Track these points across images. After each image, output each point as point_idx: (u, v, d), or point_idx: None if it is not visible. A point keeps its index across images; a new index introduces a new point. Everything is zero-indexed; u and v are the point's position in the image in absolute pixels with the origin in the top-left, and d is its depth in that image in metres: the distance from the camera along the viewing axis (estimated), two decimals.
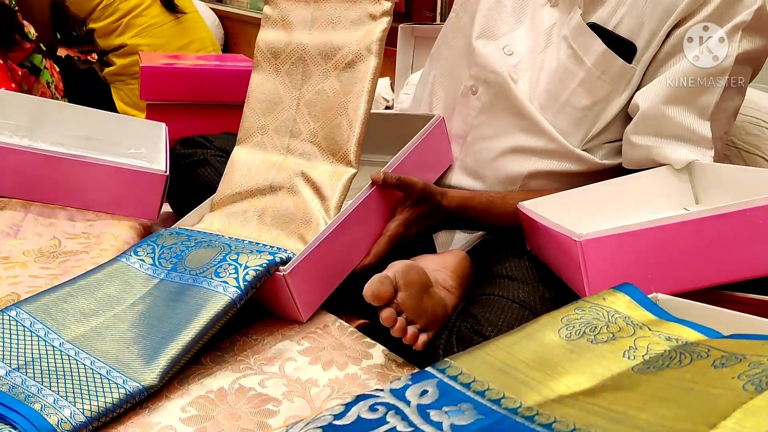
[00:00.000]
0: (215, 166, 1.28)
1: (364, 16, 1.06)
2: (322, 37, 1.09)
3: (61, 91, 1.97)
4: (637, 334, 0.49)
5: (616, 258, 0.74)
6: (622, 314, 0.52)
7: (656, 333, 0.49)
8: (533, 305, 0.91)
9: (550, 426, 0.39)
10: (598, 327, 0.50)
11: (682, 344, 0.47)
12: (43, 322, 0.85)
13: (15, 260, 1.04)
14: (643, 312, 0.52)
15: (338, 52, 1.07)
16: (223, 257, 0.94)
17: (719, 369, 0.42)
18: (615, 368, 0.46)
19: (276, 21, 1.15)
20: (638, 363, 0.46)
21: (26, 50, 1.86)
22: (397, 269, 0.91)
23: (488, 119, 1.15)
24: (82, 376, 0.78)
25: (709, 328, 0.51)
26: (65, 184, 1.17)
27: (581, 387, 0.44)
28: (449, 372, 0.47)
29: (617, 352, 0.47)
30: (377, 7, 1.05)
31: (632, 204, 1.04)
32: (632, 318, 0.52)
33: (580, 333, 0.50)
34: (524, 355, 0.48)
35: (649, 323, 0.51)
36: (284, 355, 0.91)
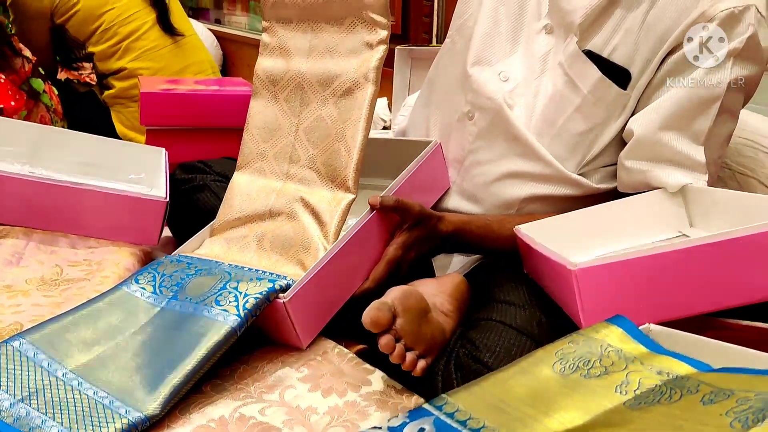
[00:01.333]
0: (215, 191, 1.30)
1: (360, 45, 1.08)
2: (319, 65, 1.11)
3: (60, 114, 1.99)
4: (629, 368, 0.50)
5: (611, 286, 0.75)
6: (614, 347, 0.53)
7: (648, 367, 0.50)
8: (530, 331, 0.92)
9: None
10: (592, 361, 0.51)
11: (672, 378, 0.48)
12: (46, 352, 0.86)
13: (18, 289, 1.05)
14: (635, 345, 0.53)
15: (336, 80, 1.08)
16: (223, 285, 0.95)
17: (708, 405, 0.43)
18: (607, 404, 0.47)
19: (274, 49, 1.16)
20: (630, 398, 0.47)
21: (25, 73, 1.87)
22: (395, 295, 0.92)
23: (485, 144, 1.17)
24: (85, 407, 0.79)
25: (700, 361, 0.52)
26: (66, 211, 1.18)
27: (574, 423, 0.45)
28: (446, 409, 0.48)
29: (610, 387, 0.48)
30: (374, 35, 1.07)
31: (628, 227, 1.05)
32: (624, 351, 0.53)
33: (574, 367, 0.51)
34: (519, 391, 0.49)
35: (641, 357, 0.52)
36: (284, 383, 0.92)
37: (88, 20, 2.14)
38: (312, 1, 1.11)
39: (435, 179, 1.20)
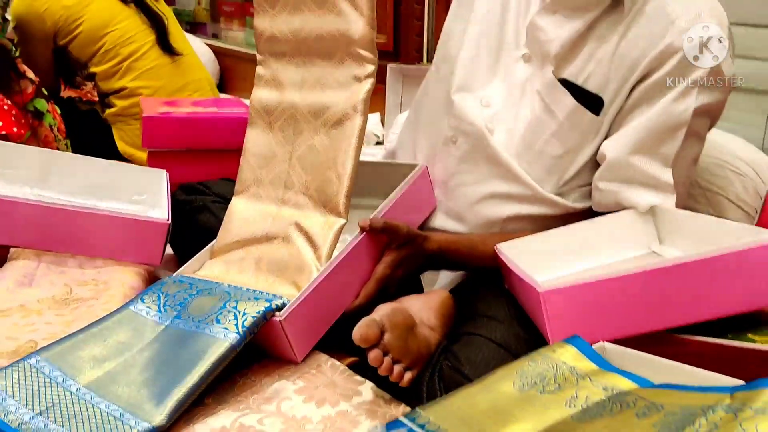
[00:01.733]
0: (214, 212, 1.36)
1: (350, 78, 1.15)
2: (311, 96, 1.18)
3: (63, 132, 2.05)
4: (579, 384, 0.57)
5: (574, 306, 0.82)
6: (568, 365, 0.60)
7: (595, 383, 0.57)
8: (509, 345, 0.99)
9: None
10: (548, 377, 0.58)
11: (615, 394, 0.55)
12: (60, 369, 0.93)
13: (31, 308, 1.12)
14: (587, 363, 0.60)
15: (327, 111, 1.16)
16: (223, 305, 1.02)
17: (641, 419, 0.50)
18: (558, 416, 0.53)
19: (268, 81, 1.24)
20: (577, 411, 0.54)
21: (29, 94, 1.94)
22: (383, 312, 0.99)
23: (468, 167, 1.24)
24: (98, 419, 0.86)
25: (643, 378, 0.59)
26: (74, 233, 1.25)
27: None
28: (418, 421, 0.55)
29: (560, 402, 0.55)
30: (362, 69, 1.14)
31: (601, 245, 1.12)
32: (577, 369, 0.60)
33: (532, 383, 0.58)
34: (482, 406, 0.56)
35: (591, 373, 0.59)
36: (281, 395, 0.99)
37: (90, 42, 2.21)
38: (304, 37, 1.18)
39: (422, 200, 1.27)
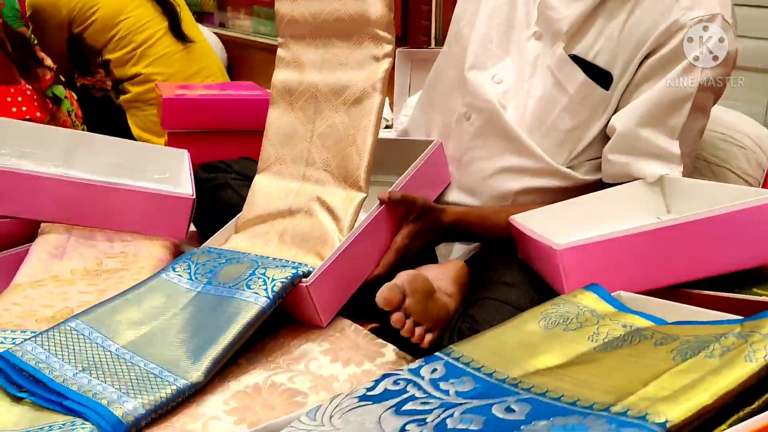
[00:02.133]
0: (235, 189, 1.41)
1: (368, 58, 1.20)
2: (331, 76, 1.23)
3: (80, 118, 2.10)
4: (600, 323, 0.62)
5: (590, 263, 0.87)
6: (589, 308, 0.65)
7: (615, 321, 0.62)
8: (524, 306, 1.03)
9: (529, 390, 0.52)
10: (570, 318, 0.63)
11: (634, 330, 0.60)
12: (99, 331, 0.98)
13: (64, 278, 1.17)
14: (606, 306, 0.65)
15: (346, 90, 1.20)
16: (252, 271, 1.07)
17: (658, 346, 0.55)
18: (581, 349, 0.58)
19: (289, 62, 1.29)
20: (599, 344, 0.59)
21: (47, 80, 1.98)
22: (404, 278, 1.04)
23: (481, 143, 1.29)
24: (138, 376, 0.91)
25: (657, 317, 0.64)
26: (102, 209, 1.29)
27: (554, 363, 0.57)
28: (453, 355, 0.60)
29: (583, 337, 0.60)
30: (380, 50, 1.19)
31: (611, 215, 1.17)
32: (597, 311, 0.64)
33: (556, 323, 0.63)
34: (511, 342, 0.61)
35: (610, 314, 0.64)
36: (308, 355, 1.04)
37: (104, 29, 2.25)
38: (323, 19, 1.23)
39: (437, 175, 1.32)
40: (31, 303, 1.09)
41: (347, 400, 0.55)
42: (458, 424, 0.50)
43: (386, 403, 0.54)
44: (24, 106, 1.71)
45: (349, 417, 0.53)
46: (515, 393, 0.52)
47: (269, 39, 3.07)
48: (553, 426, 0.47)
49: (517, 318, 0.66)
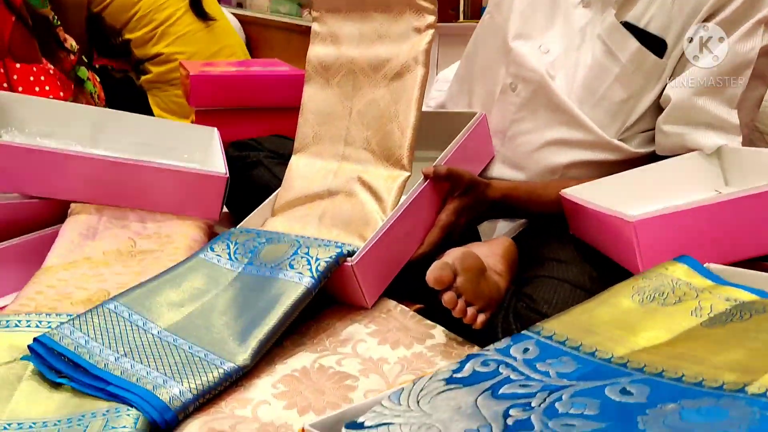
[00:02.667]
0: (268, 167, 1.37)
1: (409, 30, 1.14)
2: (370, 50, 1.17)
3: (102, 100, 2.06)
4: (700, 296, 0.57)
5: (666, 236, 0.81)
6: (683, 281, 0.60)
7: (716, 295, 0.57)
8: (583, 284, 0.99)
9: (642, 369, 0.48)
10: (665, 292, 0.58)
11: (740, 303, 0.55)
12: (140, 314, 0.94)
13: (97, 260, 1.12)
14: (701, 279, 0.60)
15: (387, 64, 1.15)
16: (295, 251, 1.02)
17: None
18: (686, 325, 0.54)
19: (325, 37, 1.23)
20: (705, 320, 0.54)
21: (70, 62, 1.94)
22: (455, 256, 0.99)
23: (528, 114, 1.23)
24: (183, 359, 0.86)
25: (761, 290, 0.59)
26: (133, 188, 1.25)
27: (660, 340, 0.52)
28: (543, 333, 0.55)
29: (685, 312, 0.55)
30: (421, 20, 1.13)
31: (666, 188, 1.11)
32: (693, 284, 0.60)
33: (651, 298, 0.58)
34: (605, 318, 0.56)
35: (709, 288, 0.59)
36: (355, 338, 0.99)
37: (124, 8, 2.21)
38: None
39: (481, 149, 1.27)
40: (65, 285, 1.05)
41: (433, 383, 0.50)
42: (570, 408, 0.45)
43: (479, 386, 0.49)
44: (47, 85, 1.67)
45: (439, 401, 0.48)
46: (627, 374, 0.48)
47: (288, 18, 3.01)
48: (684, 409, 0.42)
49: (605, 293, 0.61)
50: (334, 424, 0.50)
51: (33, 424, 0.79)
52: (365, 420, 0.49)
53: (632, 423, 0.42)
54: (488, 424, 0.45)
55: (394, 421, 0.48)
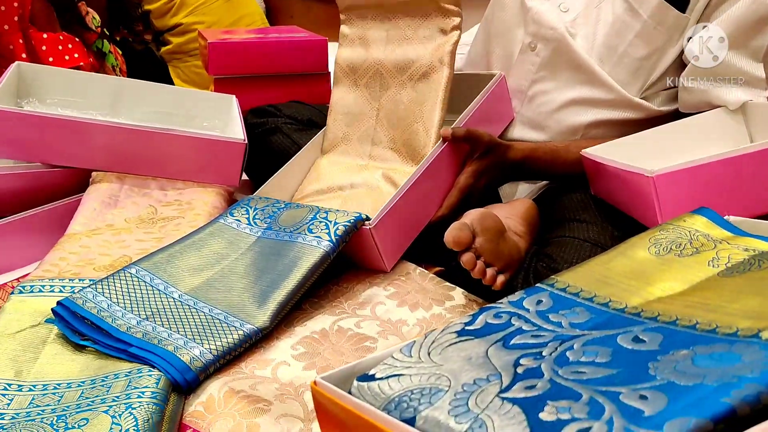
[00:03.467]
0: (287, 133, 1.37)
1: (435, 32, 1.14)
2: (397, 52, 1.18)
3: (124, 73, 2.07)
4: (718, 247, 0.56)
5: (686, 190, 0.80)
6: (702, 232, 0.59)
7: (735, 246, 0.56)
8: (604, 243, 0.98)
9: (655, 319, 0.47)
10: (683, 244, 0.57)
11: (759, 253, 0.54)
12: (161, 278, 0.95)
13: (119, 227, 1.13)
14: (720, 230, 0.59)
15: (413, 65, 1.16)
16: (313, 215, 1.02)
17: None
18: (702, 275, 0.53)
19: (353, 39, 1.24)
20: (722, 269, 0.53)
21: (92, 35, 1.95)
22: (473, 217, 0.98)
23: (548, 74, 1.21)
24: (204, 322, 0.87)
25: None
26: (153, 156, 1.26)
27: (675, 290, 0.51)
28: (557, 285, 0.55)
29: (702, 263, 0.54)
30: (447, 22, 1.13)
31: (690, 145, 1.09)
32: (711, 235, 0.58)
33: (667, 249, 0.57)
34: (620, 269, 0.55)
35: (727, 239, 0.58)
36: (374, 300, 1.00)
37: None
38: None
39: (500, 111, 1.25)
40: (88, 251, 1.06)
41: (445, 336, 0.50)
42: (581, 356, 0.45)
43: (491, 337, 0.49)
44: (76, 52, 1.67)
45: (450, 352, 0.48)
46: (640, 322, 0.47)
47: None
48: (696, 355, 0.41)
49: (621, 245, 0.61)
50: (346, 377, 0.51)
51: (58, 385, 0.80)
52: (376, 372, 0.49)
53: (643, 369, 0.42)
54: (498, 373, 0.45)
55: (404, 373, 0.48)
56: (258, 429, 0.75)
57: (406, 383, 0.47)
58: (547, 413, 0.41)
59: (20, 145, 1.21)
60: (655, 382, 0.41)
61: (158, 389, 0.77)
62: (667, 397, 0.40)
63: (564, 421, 0.40)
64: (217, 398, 0.80)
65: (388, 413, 0.46)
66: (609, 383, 0.41)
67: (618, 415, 0.39)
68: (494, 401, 0.43)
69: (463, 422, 0.42)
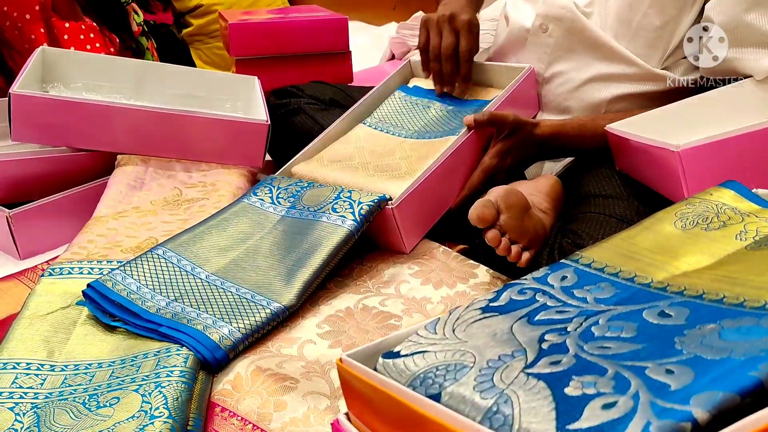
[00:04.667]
0: (309, 114, 1.36)
1: None
2: None
3: None
4: (746, 220, 0.55)
5: (713, 164, 0.79)
6: (729, 206, 0.58)
7: (763, 218, 0.55)
8: (630, 219, 0.97)
9: (681, 293, 0.47)
10: (709, 217, 0.56)
11: None
12: (188, 259, 0.96)
13: (145, 209, 1.15)
14: (748, 203, 0.58)
15: None
16: (337, 195, 1.03)
17: None
18: (729, 248, 0.52)
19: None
20: (750, 243, 0.52)
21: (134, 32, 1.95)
22: (498, 193, 0.98)
23: (564, 54, 1.20)
24: (231, 301, 0.88)
25: None
26: (177, 138, 1.27)
27: (702, 264, 0.51)
28: (582, 261, 0.55)
29: (730, 236, 0.54)
30: None
31: (715, 118, 1.07)
32: (739, 208, 0.58)
33: (694, 223, 0.56)
34: (646, 244, 0.55)
35: (755, 212, 0.57)
36: (398, 279, 1.00)
37: None
38: None
39: (527, 103, 1.24)
40: (115, 234, 1.07)
41: (469, 312, 0.50)
42: (606, 331, 0.44)
43: (515, 313, 0.49)
44: (98, 42, 1.68)
45: (474, 329, 0.48)
46: (666, 297, 0.47)
47: None
48: (723, 329, 0.41)
49: (647, 219, 0.60)
50: (372, 354, 0.51)
51: (89, 365, 0.82)
52: (401, 349, 0.49)
53: (669, 344, 0.42)
54: (523, 349, 0.45)
55: (429, 349, 0.48)
56: (285, 406, 0.76)
57: (431, 360, 0.47)
58: (572, 388, 0.41)
59: (46, 130, 1.22)
60: (682, 357, 0.41)
61: (186, 368, 0.78)
62: (694, 371, 0.40)
63: (589, 395, 0.40)
64: (244, 377, 0.81)
65: (414, 389, 0.46)
66: (635, 358, 0.41)
67: (644, 389, 0.39)
68: (519, 377, 0.43)
69: (488, 398, 0.43)
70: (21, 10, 1.60)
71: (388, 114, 1.29)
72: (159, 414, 0.71)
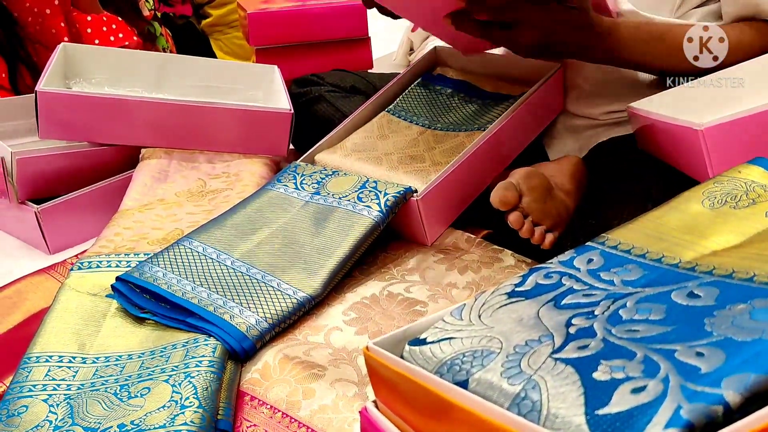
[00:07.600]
0: (330, 101, 1.36)
1: None
2: None
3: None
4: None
5: (737, 143, 0.78)
6: (759, 183, 0.57)
7: None
8: (656, 198, 0.95)
9: (710, 272, 0.46)
10: (738, 195, 0.56)
11: None
12: (213, 247, 0.96)
13: (170, 201, 1.16)
14: None
15: None
16: (362, 184, 1.02)
17: None
18: (760, 226, 0.51)
19: None
20: None
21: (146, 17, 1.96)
22: (519, 176, 0.97)
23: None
24: (257, 289, 0.89)
25: None
26: (200, 130, 1.27)
27: (731, 243, 0.50)
28: (608, 243, 0.54)
29: (760, 214, 0.53)
30: None
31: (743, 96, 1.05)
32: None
33: (723, 202, 0.55)
34: (673, 224, 0.54)
35: None
36: (422, 266, 1.00)
37: None
38: None
39: (551, 103, 1.21)
40: (141, 226, 1.08)
41: (495, 297, 0.50)
42: (635, 314, 0.44)
43: (541, 297, 0.49)
44: (120, 32, 1.68)
45: (500, 314, 0.48)
46: (695, 277, 0.46)
47: None
48: (755, 309, 0.41)
49: (674, 199, 0.59)
50: (398, 341, 0.51)
51: (119, 357, 0.83)
52: (427, 336, 0.49)
53: (699, 325, 0.41)
54: (550, 334, 0.45)
55: (455, 336, 0.48)
56: (314, 394, 0.77)
57: (457, 346, 0.47)
58: (600, 372, 0.41)
59: (70, 126, 1.23)
60: (712, 338, 0.40)
61: (215, 358, 0.79)
62: (725, 353, 0.39)
63: (618, 380, 0.40)
64: (272, 365, 0.81)
65: (441, 376, 0.46)
66: (664, 341, 0.41)
67: (674, 372, 0.39)
68: (547, 362, 0.43)
69: (516, 383, 0.43)
70: (41, 5, 1.61)
71: (411, 102, 1.28)
72: (189, 404, 0.72)
